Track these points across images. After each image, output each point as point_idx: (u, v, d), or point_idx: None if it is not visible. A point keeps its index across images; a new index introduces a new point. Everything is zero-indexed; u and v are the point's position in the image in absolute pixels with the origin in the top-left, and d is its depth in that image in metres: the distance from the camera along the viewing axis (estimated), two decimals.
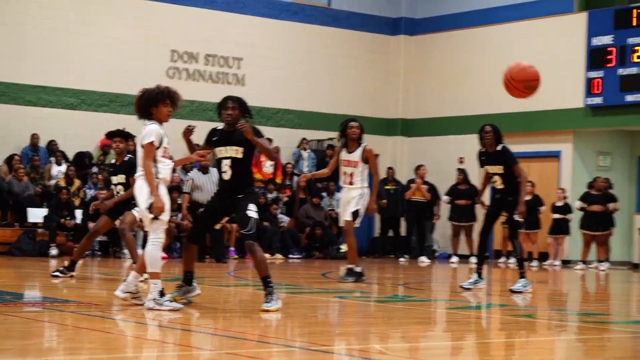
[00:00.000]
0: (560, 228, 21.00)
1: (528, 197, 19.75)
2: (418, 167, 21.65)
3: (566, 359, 6.79)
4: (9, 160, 19.62)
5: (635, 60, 20.76)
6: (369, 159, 12.74)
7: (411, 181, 21.78)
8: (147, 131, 8.35)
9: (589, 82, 21.55)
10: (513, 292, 11.93)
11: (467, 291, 11.92)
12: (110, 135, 12.15)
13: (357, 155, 12.78)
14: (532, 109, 22.52)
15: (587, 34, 21.69)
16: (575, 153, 22.41)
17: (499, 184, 12.07)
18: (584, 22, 21.82)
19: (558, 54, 22.38)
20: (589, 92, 21.55)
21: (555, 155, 22.57)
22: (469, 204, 20.94)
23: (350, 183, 12.82)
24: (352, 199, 12.78)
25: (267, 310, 8.39)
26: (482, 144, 12.22)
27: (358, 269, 12.89)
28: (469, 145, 22.52)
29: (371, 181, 12.91)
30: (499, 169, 12.05)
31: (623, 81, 20.97)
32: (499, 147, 12.10)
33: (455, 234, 21.27)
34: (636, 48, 20.77)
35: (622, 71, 21.00)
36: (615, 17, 21.23)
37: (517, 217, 12.08)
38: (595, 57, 21.48)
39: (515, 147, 22.46)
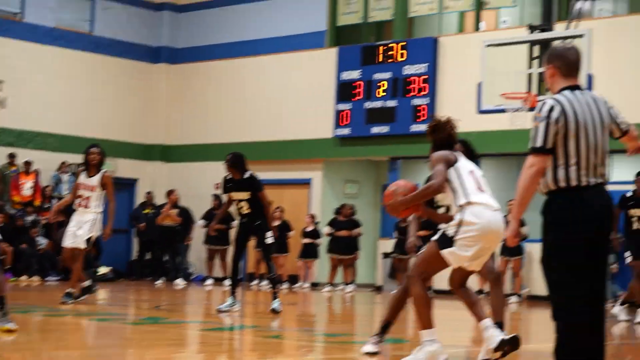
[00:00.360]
0: (309, 252, 22.05)
1: (277, 222, 20.78)
2: (170, 192, 22.30)
3: None
4: None
5: (380, 94, 22.17)
6: (107, 184, 13.27)
7: (162, 206, 22.44)
8: None
9: (338, 114, 22.79)
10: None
11: (223, 313, 12.58)
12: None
13: (95, 180, 13.27)
14: (285, 138, 23.67)
15: (337, 68, 22.94)
16: (324, 181, 23.62)
17: (245, 209, 12.95)
18: (334, 57, 23.07)
19: (310, 86, 23.58)
20: (338, 124, 22.80)
21: (306, 183, 23.69)
22: (223, 229, 21.69)
23: (86, 207, 13.24)
24: (84, 223, 13.19)
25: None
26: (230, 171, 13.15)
27: (87, 283, 13.39)
28: (223, 171, 23.43)
29: (107, 207, 13.39)
30: (245, 195, 12.92)
31: (369, 114, 22.32)
32: (246, 175, 13.00)
33: (210, 257, 21.95)
34: (381, 83, 22.17)
35: (368, 104, 22.35)
36: (363, 53, 22.59)
37: (269, 240, 12.98)
38: (344, 91, 22.73)
39: (269, 174, 23.62)
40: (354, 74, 22.58)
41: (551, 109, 5.54)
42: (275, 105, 24.15)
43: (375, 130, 22.17)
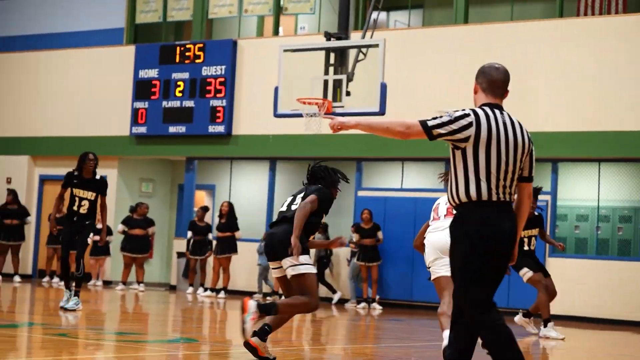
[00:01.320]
0: (101, 249, 21.69)
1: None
2: None
3: None
4: None
5: (177, 94, 22.18)
6: None
7: None
8: None
9: (135, 112, 22.66)
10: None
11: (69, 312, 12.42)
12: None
13: None
14: (81, 134, 23.30)
15: (135, 66, 22.79)
16: (120, 179, 23.42)
17: (84, 208, 13.08)
18: (132, 55, 22.90)
19: (108, 83, 23.32)
20: (135, 122, 22.66)
21: None
22: (18, 224, 21.21)
23: None
24: None
25: None
26: (81, 168, 13.06)
27: None
28: (16, 165, 23.04)
29: None
30: (91, 195, 13.29)
31: (166, 113, 22.30)
32: (97, 176, 13.50)
33: (2, 252, 21.37)
34: (179, 83, 22.19)
35: (165, 104, 22.33)
36: (161, 52, 22.52)
37: (89, 240, 13.17)
38: (141, 89, 22.61)
39: (64, 170, 23.12)
40: (152, 73, 22.50)
41: (463, 116, 5.76)
42: (74, 100, 23.78)
43: (172, 129, 22.17)
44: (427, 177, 21.02)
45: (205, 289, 20.68)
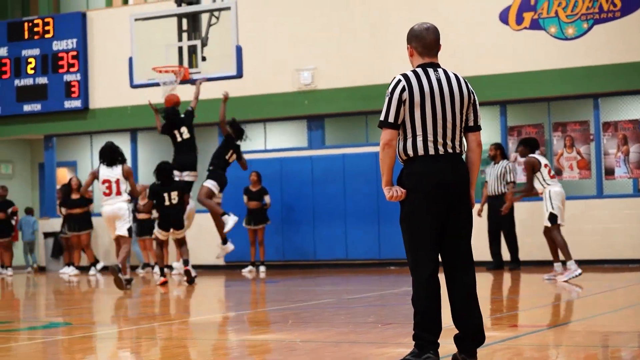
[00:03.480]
0: None
1: None
2: None
3: None
4: None
5: (30, 71, 21.61)
6: None
7: None
8: None
9: None
10: None
11: None
12: None
13: None
14: None
15: None
16: None
17: None
18: None
19: None
20: None
21: None
22: None
23: None
24: None
25: None
26: None
27: None
28: None
29: None
30: None
31: (19, 91, 21.72)
32: None
33: None
34: (30, 60, 21.61)
35: (18, 82, 21.74)
36: (9, 29, 21.87)
37: None
38: None
39: None
40: (1, 51, 21.90)
41: (396, 85, 5.96)
42: None
43: (27, 108, 21.66)
44: (290, 136, 21.05)
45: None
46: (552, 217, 13.69)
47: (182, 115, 17.02)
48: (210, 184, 17.19)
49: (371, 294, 13.05)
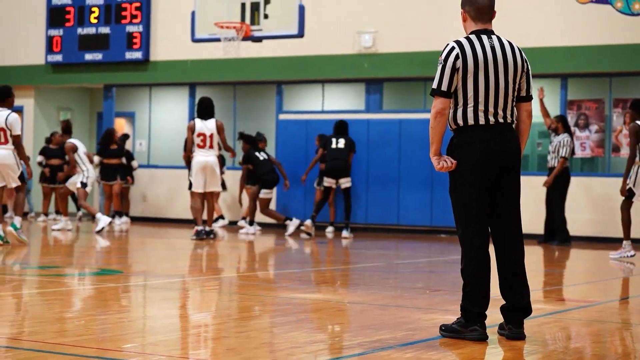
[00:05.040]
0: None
1: None
2: None
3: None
4: None
5: (93, 20, 21.75)
6: None
7: None
8: None
9: (50, 39, 22.21)
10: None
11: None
12: None
13: None
14: None
15: None
16: (36, 108, 23.04)
17: None
18: None
19: (21, 10, 22.80)
20: (50, 50, 22.22)
21: (18, 110, 22.96)
22: None
23: None
24: None
25: None
26: None
27: None
28: None
29: None
30: None
31: (82, 40, 21.90)
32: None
33: None
34: (93, 9, 21.74)
35: (80, 30, 21.91)
36: None
37: None
38: (55, 16, 22.15)
39: None
40: None
41: (449, 53, 5.86)
42: None
43: (89, 57, 21.82)
44: (348, 98, 21.04)
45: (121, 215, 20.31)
46: (630, 193, 13.20)
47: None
48: (263, 194, 17.53)
49: (420, 260, 13.07)
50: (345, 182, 17.45)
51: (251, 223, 17.84)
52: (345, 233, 17.37)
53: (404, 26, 18.96)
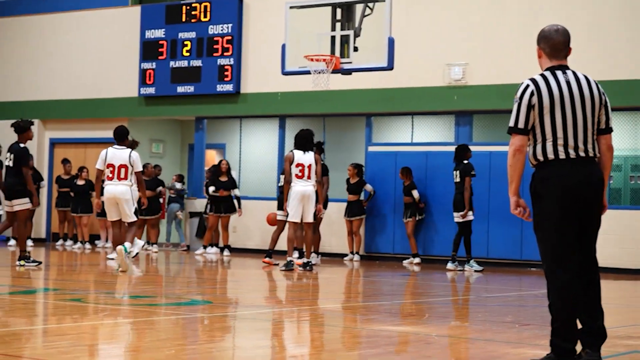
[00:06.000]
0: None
1: (82, 182, 21.00)
2: None
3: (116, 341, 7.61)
4: None
5: (185, 54, 22.12)
6: None
7: None
8: None
9: (143, 72, 22.64)
10: None
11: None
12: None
13: None
14: (88, 97, 23.32)
15: (141, 26, 22.74)
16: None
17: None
18: (138, 15, 22.85)
19: (116, 44, 23.30)
20: (143, 82, 22.65)
21: (111, 142, 23.38)
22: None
23: None
24: None
25: None
26: None
27: None
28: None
29: None
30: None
31: (174, 73, 22.28)
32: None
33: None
34: (186, 42, 22.13)
35: (173, 63, 22.29)
36: (167, 12, 22.43)
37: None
38: (148, 50, 22.59)
39: (72, 134, 23.37)
40: (158, 33, 22.46)
41: (524, 90, 5.94)
42: (83, 63, 23.78)
43: (181, 89, 22.17)
44: (437, 131, 20.96)
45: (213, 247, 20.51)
46: None
47: None
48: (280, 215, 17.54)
49: (510, 294, 12.91)
50: (455, 217, 17.49)
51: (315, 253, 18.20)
52: (450, 265, 17.47)
53: (494, 58, 18.86)
